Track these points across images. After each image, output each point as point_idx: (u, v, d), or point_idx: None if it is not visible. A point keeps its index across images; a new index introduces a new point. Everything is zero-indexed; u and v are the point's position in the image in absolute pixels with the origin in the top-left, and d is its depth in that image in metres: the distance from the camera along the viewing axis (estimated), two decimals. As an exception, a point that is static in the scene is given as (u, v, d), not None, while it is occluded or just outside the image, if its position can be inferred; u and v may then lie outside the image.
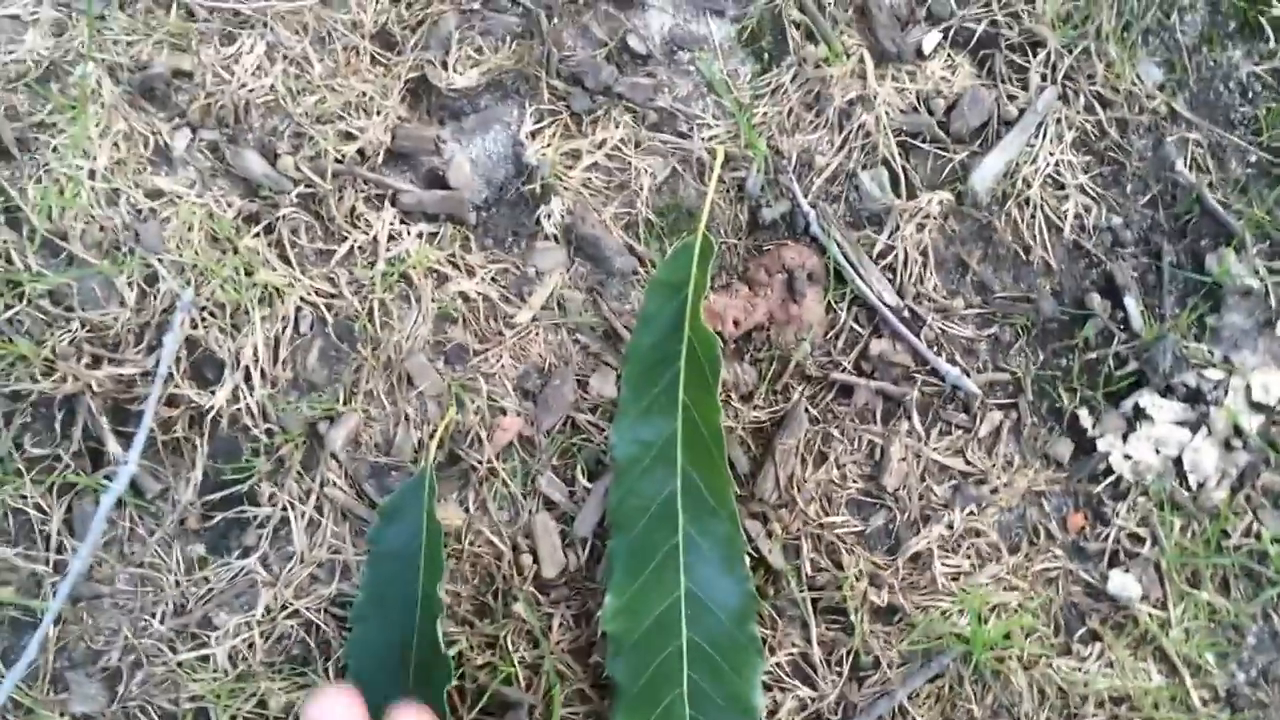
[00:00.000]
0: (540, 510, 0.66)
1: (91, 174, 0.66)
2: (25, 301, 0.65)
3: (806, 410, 0.67)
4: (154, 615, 0.64)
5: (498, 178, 0.70)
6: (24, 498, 0.64)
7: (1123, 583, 0.64)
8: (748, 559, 0.61)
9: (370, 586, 0.62)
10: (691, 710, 0.60)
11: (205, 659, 0.64)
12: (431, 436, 0.65)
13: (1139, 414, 0.66)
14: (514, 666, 0.63)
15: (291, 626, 0.64)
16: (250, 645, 0.64)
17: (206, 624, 0.64)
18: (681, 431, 0.61)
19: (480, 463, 0.65)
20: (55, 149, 0.66)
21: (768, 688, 0.64)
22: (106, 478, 0.64)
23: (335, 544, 0.65)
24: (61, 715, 0.63)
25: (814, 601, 0.65)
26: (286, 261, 0.67)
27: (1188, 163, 0.70)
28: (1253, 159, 0.71)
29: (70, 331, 0.65)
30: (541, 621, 0.65)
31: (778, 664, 0.64)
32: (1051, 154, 0.70)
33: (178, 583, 0.65)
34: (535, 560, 0.65)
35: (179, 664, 0.64)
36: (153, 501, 0.65)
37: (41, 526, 0.65)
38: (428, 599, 0.59)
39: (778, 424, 0.67)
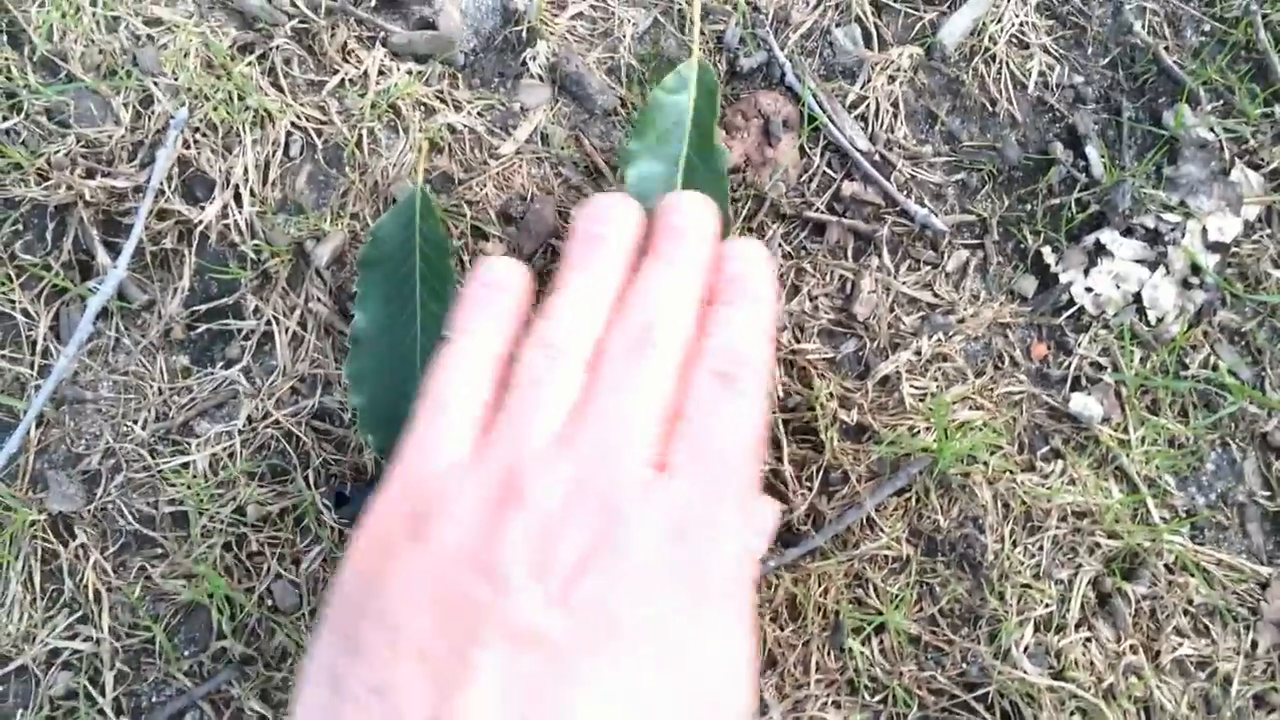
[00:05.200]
0: (519, 332, 0.67)
1: (93, 0, 0.68)
2: (23, 115, 0.66)
3: (780, 246, 0.69)
4: (136, 422, 0.65)
5: (485, 28, 0.73)
6: (12, 303, 0.66)
7: (1084, 403, 0.66)
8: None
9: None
10: None
11: (185, 465, 0.65)
12: (419, 151, 0.67)
13: (1100, 250, 0.69)
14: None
15: (272, 436, 0.65)
16: (231, 454, 0.65)
17: (188, 431, 0.65)
18: None
19: (460, 284, 0.67)
20: (58, -25, 0.68)
21: (739, 501, 0.65)
22: (94, 286, 0.66)
23: (317, 358, 0.66)
24: (40, 512, 0.63)
25: (785, 423, 0.66)
26: (279, 89, 0.69)
27: (1145, 28, 0.74)
28: (1206, 28, 0.74)
29: (66, 146, 0.66)
30: (518, 436, 0.66)
31: (749, 480, 0.65)
32: (1016, 15, 0.73)
33: (160, 391, 0.66)
34: (513, 378, 0.66)
35: (159, 469, 0.64)
36: (139, 312, 0.66)
37: (28, 332, 0.66)
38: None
39: (752, 258, 0.69)
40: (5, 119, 0.66)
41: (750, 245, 0.53)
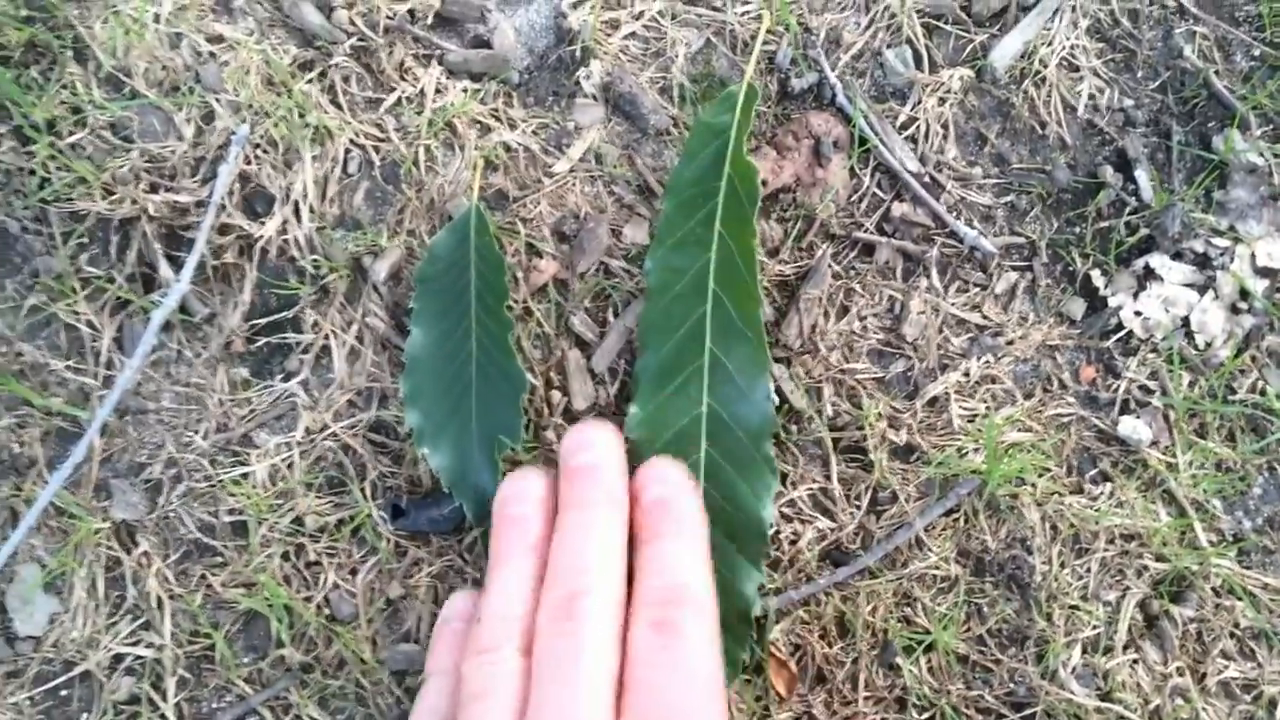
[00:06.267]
0: (572, 348, 0.68)
1: (156, 17, 0.69)
2: (88, 130, 0.68)
3: (830, 266, 0.70)
4: (197, 432, 0.67)
5: (539, 46, 0.74)
6: (77, 314, 0.67)
7: (1133, 427, 0.66)
8: (771, 382, 0.63)
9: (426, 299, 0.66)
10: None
11: (245, 476, 0.66)
12: (475, 168, 0.68)
13: (1149, 274, 0.69)
14: (543, 493, 0.65)
15: (330, 449, 0.67)
16: (289, 464, 0.66)
17: (247, 443, 0.67)
18: (715, 259, 0.64)
19: (515, 302, 0.68)
20: (123, -8, 0.70)
21: (788, 519, 0.66)
22: (157, 299, 0.67)
23: (374, 372, 0.67)
24: (104, 520, 0.65)
25: (834, 441, 0.67)
26: (338, 106, 0.70)
27: (1195, 53, 0.74)
28: (1256, 53, 0.75)
29: (129, 161, 0.68)
30: (571, 452, 0.67)
31: (799, 497, 0.66)
32: (1067, 38, 0.73)
33: (221, 403, 0.67)
34: (566, 394, 0.67)
35: (219, 479, 0.66)
36: (200, 325, 0.68)
37: (92, 343, 0.67)
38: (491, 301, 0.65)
39: (802, 277, 0.70)
40: (71, 134, 0.67)
41: (667, 465, 0.52)
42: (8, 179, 0.67)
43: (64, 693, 0.64)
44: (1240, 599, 0.65)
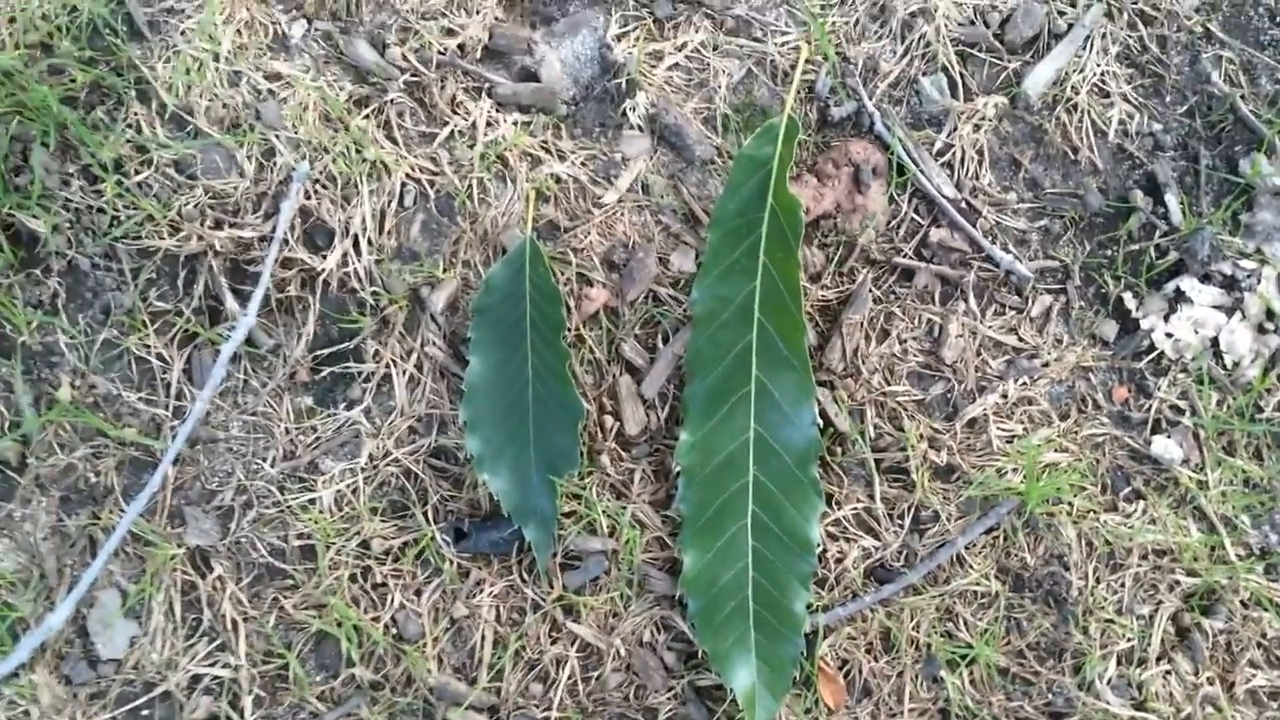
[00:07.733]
0: (623, 374, 0.71)
1: (216, 56, 0.72)
2: (153, 168, 0.70)
3: (870, 291, 0.72)
4: (265, 460, 0.69)
5: (584, 77, 0.76)
6: (147, 347, 0.69)
7: (1165, 446, 0.69)
8: (815, 407, 0.66)
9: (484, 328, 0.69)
10: (754, 541, 0.66)
11: (312, 501, 0.69)
12: (527, 200, 0.71)
13: (1179, 296, 0.72)
14: (598, 515, 0.68)
15: (393, 474, 0.69)
16: (354, 490, 0.69)
17: (314, 469, 0.69)
18: (760, 289, 0.66)
19: (569, 330, 0.70)
20: (183, 32, 0.72)
21: (834, 538, 0.69)
22: (225, 332, 0.69)
23: (434, 399, 0.70)
24: (179, 546, 0.68)
25: (877, 462, 0.70)
26: (393, 141, 0.72)
27: (1222, 77, 0.76)
28: (1282, 76, 0.77)
29: (194, 197, 0.70)
30: (623, 475, 0.69)
31: (843, 517, 0.69)
32: (1098, 65, 0.75)
33: (287, 431, 0.70)
34: (618, 419, 0.70)
35: (288, 505, 0.69)
36: (266, 356, 0.70)
37: (163, 375, 0.70)
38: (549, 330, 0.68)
39: (844, 302, 0.72)
40: (137, 172, 0.69)
41: None
42: (78, 218, 0.69)
43: (145, 713, 0.67)
44: (1267, 610, 0.68)
